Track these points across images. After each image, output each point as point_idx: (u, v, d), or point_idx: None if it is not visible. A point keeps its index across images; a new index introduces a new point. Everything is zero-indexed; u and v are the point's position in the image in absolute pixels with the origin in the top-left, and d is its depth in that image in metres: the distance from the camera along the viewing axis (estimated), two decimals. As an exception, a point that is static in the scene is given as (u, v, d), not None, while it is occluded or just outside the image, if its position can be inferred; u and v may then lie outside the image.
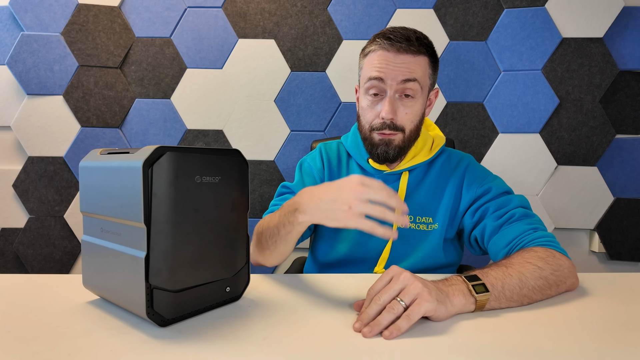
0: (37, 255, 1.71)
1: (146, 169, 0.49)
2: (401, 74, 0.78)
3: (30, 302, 0.61)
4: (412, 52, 0.78)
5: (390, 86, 0.79)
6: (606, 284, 0.71)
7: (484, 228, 0.81)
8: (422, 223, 0.86)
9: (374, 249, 0.87)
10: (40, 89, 1.66)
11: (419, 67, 0.79)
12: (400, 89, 0.79)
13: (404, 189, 0.87)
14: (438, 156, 0.91)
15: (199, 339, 0.49)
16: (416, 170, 0.89)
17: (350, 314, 0.57)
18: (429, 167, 0.90)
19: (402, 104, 0.80)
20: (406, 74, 0.78)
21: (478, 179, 0.86)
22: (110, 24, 1.66)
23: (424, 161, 0.88)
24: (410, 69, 0.78)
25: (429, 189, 0.88)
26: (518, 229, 0.76)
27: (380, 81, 0.79)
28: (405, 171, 0.88)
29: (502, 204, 0.81)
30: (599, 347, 0.47)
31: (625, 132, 1.63)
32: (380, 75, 0.79)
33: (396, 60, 0.78)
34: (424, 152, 0.88)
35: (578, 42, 1.61)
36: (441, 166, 0.89)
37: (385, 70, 0.78)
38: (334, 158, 0.94)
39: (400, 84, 0.78)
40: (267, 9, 1.67)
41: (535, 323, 0.54)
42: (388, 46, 0.78)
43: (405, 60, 0.78)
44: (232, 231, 0.58)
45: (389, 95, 0.79)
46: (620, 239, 1.65)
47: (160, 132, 1.70)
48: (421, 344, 0.48)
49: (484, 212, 0.82)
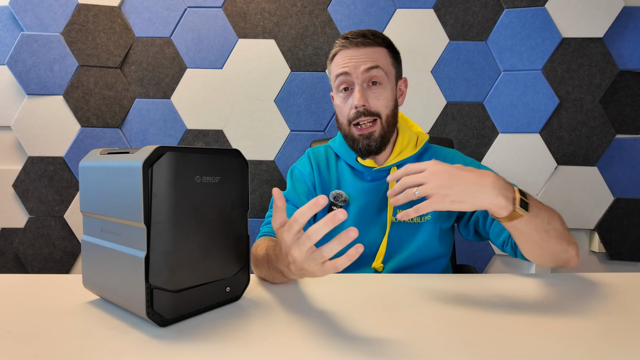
0: (37, 255, 1.71)
1: (146, 169, 0.49)
2: (363, 63, 0.84)
3: (30, 302, 0.61)
4: (370, 45, 0.85)
5: (356, 77, 0.85)
6: (606, 284, 0.71)
7: (485, 210, 0.85)
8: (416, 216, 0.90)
9: (370, 245, 0.89)
10: (40, 89, 1.66)
11: (380, 56, 0.86)
12: (366, 78, 0.85)
13: (394, 183, 0.89)
14: (424, 152, 0.95)
15: (199, 339, 0.49)
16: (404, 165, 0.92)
17: (351, 314, 0.57)
18: (417, 162, 0.93)
19: (372, 91, 0.86)
20: (368, 62, 0.84)
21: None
22: (110, 24, 1.66)
23: (411, 156, 0.91)
24: (371, 57, 0.85)
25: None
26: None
27: (346, 75, 0.86)
28: (394, 166, 0.90)
29: None
30: (599, 347, 0.47)
31: (625, 132, 1.63)
32: (345, 70, 0.85)
33: (357, 54, 0.85)
34: (410, 147, 0.92)
35: (578, 42, 1.61)
36: (429, 160, 0.92)
37: (349, 64, 0.85)
38: (322, 161, 0.97)
39: (365, 72, 0.84)
40: (267, 9, 1.67)
41: (535, 323, 0.54)
42: (347, 44, 0.86)
43: (364, 52, 0.85)
44: (232, 231, 0.58)
45: (357, 85, 0.85)
46: (620, 239, 1.65)
47: (160, 132, 1.70)
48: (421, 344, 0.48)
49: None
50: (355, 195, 0.91)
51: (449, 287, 0.69)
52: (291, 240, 0.52)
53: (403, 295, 0.65)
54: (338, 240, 0.46)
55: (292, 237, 0.52)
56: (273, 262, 0.64)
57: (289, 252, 0.53)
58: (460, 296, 0.64)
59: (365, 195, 0.90)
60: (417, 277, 0.75)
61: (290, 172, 0.99)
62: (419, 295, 0.65)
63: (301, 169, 0.97)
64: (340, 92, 0.88)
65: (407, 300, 0.63)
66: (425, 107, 1.68)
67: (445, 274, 0.75)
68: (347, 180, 0.93)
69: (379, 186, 0.90)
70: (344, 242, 0.45)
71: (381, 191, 0.90)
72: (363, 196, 0.90)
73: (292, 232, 0.52)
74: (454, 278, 0.73)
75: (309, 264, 0.50)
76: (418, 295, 0.65)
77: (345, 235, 0.46)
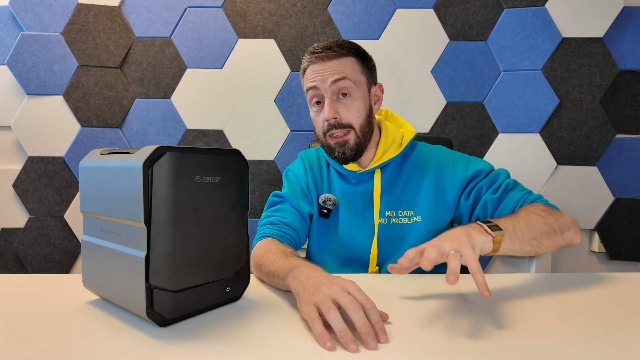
0: (37, 255, 1.71)
1: (146, 169, 0.49)
2: (330, 75, 0.85)
3: (30, 302, 0.61)
4: (335, 57, 0.86)
5: (325, 90, 0.86)
6: (606, 284, 0.71)
7: (485, 205, 0.85)
8: (404, 217, 0.90)
9: (362, 248, 0.90)
10: (40, 89, 1.66)
11: (346, 67, 0.86)
12: (335, 90, 0.85)
13: (379, 186, 0.90)
14: (410, 150, 0.95)
15: (199, 339, 0.49)
16: (389, 167, 0.92)
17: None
18: (403, 162, 0.93)
19: (342, 103, 0.86)
20: (334, 74, 0.85)
21: (459, 166, 0.90)
22: (110, 24, 1.66)
23: (395, 156, 0.90)
24: (337, 69, 0.85)
25: (406, 183, 0.91)
26: (515, 196, 0.84)
27: (316, 89, 0.86)
28: (377, 169, 0.90)
29: (493, 179, 0.88)
30: (599, 347, 0.47)
31: (625, 132, 1.63)
32: (314, 84, 0.86)
33: (323, 67, 0.86)
34: (394, 148, 0.92)
35: (578, 42, 1.61)
36: (415, 160, 0.93)
37: (317, 78, 0.86)
38: (315, 163, 0.99)
39: (332, 84, 0.85)
40: (267, 9, 1.67)
41: (535, 323, 0.54)
42: (314, 59, 0.87)
43: (330, 65, 0.85)
44: (232, 231, 0.58)
45: (327, 99, 0.86)
46: (620, 238, 1.65)
47: (160, 132, 1.70)
48: (420, 344, 0.48)
49: (478, 191, 0.87)
50: (344, 198, 0.92)
51: (448, 286, 0.69)
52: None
53: (401, 295, 0.65)
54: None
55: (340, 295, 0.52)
56: (281, 283, 0.65)
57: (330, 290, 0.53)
58: (460, 296, 0.64)
59: (353, 198, 0.91)
60: (415, 277, 0.75)
61: (285, 174, 1.01)
62: (417, 295, 0.65)
63: (295, 171, 0.98)
64: (313, 105, 0.89)
65: (406, 300, 0.63)
66: (425, 107, 1.68)
67: (444, 274, 0.76)
68: (335, 184, 0.94)
69: (365, 189, 0.91)
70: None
71: (367, 194, 0.91)
72: (350, 199, 0.91)
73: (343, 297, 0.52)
74: (454, 278, 0.73)
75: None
76: (417, 295, 0.65)
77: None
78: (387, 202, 0.90)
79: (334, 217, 0.93)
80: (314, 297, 0.52)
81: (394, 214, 0.90)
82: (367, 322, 0.48)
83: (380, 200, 0.90)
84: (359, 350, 0.46)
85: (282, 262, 0.67)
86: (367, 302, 0.51)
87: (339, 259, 0.92)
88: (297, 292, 0.57)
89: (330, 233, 0.93)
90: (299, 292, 0.56)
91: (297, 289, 0.57)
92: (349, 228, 0.91)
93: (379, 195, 0.90)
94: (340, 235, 0.92)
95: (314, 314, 0.50)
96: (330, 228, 0.93)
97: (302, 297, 0.55)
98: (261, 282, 0.72)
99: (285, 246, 0.79)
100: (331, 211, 0.92)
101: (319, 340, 0.47)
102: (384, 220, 0.89)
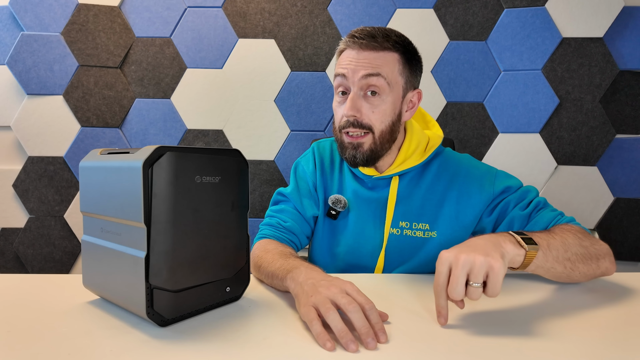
0: (37, 255, 1.71)
1: (146, 169, 0.49)
2: (363, 67, 0.75)
3: (30, 302, 0.61)
4: (376, 48, 0.76)
5: (352, 82, 0.76)
6: (606, 284, 0.71)
7: (512, 220, 0.79)
8: (419, 230, 0.83)
9: (369, 257, 0.85)
10: (40, 88, 1.66)
11: (385, 63, 0.76)
12: (364, 85, 0.76)
13: (394, 195, 0.83)
14: (434, 158, 0.86)
15: (199, 339, 0.49)
16: (409, 174, 0.84)
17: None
18: (424, 170, 0.85)
19: (368, 101, 0.77)
20: (368, 69, 0.75)
21: (487, 181, 0.82)
22: (110, 24, 1.66)
23: (416, 165, 0.83)
24: (373, 63, 0.75)
25: (425, 194, 0.83)
26: (547, 216, 0.76)
27: (344, 78, 0.77)
28: (395, 176, 0.83)
29: (522, 196, 0.80)
30: (600, 347, 0.47)
31: (625, 132, 1.63)
32: (343, 72, 0.77)
33: (359, 57, 0.76)
34: (417, 155, 0.83)
35: (578, 42, 1.61)
36: (438, 170, 0.85)
37: (348, 67, 0.76)
38: (327, 159, 0.91)
39: (363, 79, 0.75)
40: (267, 9, 1.67)
41: (536, 323, 0.54)
42: (351, 44, 0.77)
43: (367, 56, 0.75)
44: (232, 231, 0.58)
45: (352, 92, 0.77)
46: (620, 238, 1.65)
47: (160, 132, 1.70)
48: (421, 344, 0.48)
49: (504, 207, 0.80)
50: (355, 201, 0.85)
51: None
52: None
53: (403, 295, 0.65)
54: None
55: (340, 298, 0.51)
56: (285, 282, 0.63)
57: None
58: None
59: (365, 203, 0.84)
60: (417, 277, 0.75)
61: (295, 168, 0.94)
62: (419, 295, 0.65)
63: (304, 167, 0.91)
64: (338, 94, 0.81)
65: (407, 300, 0.63)
66: (425, 107, 1.68)
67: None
68: (348, 184, 0.87)
69: (380, 195, 0.83)
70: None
71: (381, 201, 0.83)
72: (363, 204, 0.85)
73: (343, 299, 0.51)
74: (454, 278, 0.73)
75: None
76: (418, 295, 0.65)
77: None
78: (404, 211, 0.83)
79: (343, 220, 0.86)
80: (312, 298, 0.52)
81: (408, 225, 0.83)
82: (367, 323, 0.48)
83: (395, 208, 0.83)
84: (359, 350, 0.46)
85: (280, 262, 0.67)
86: (366, 302, 0.51)
87: (342, 264, 0.87)
88: (295, 293, 0.57)
89: (336, 236, 0.87)
90: (297, 294, 0.56)
91: (296, 290, 0.57)
92: (358, 234, 0.84)
93: (393, 204, 0.83)
94: (347, 241, 0.86)
95: (313, 314, 0.50)
96: (337, 231, 0.87)
97: (300, 298, 0.54)
98: (261, 282, 0.72)
99: (284, 246, 0.78)
100: (340, 213, 0.86)
101: (319, 341, 0.47)
102: (396, 230, 0.83)
